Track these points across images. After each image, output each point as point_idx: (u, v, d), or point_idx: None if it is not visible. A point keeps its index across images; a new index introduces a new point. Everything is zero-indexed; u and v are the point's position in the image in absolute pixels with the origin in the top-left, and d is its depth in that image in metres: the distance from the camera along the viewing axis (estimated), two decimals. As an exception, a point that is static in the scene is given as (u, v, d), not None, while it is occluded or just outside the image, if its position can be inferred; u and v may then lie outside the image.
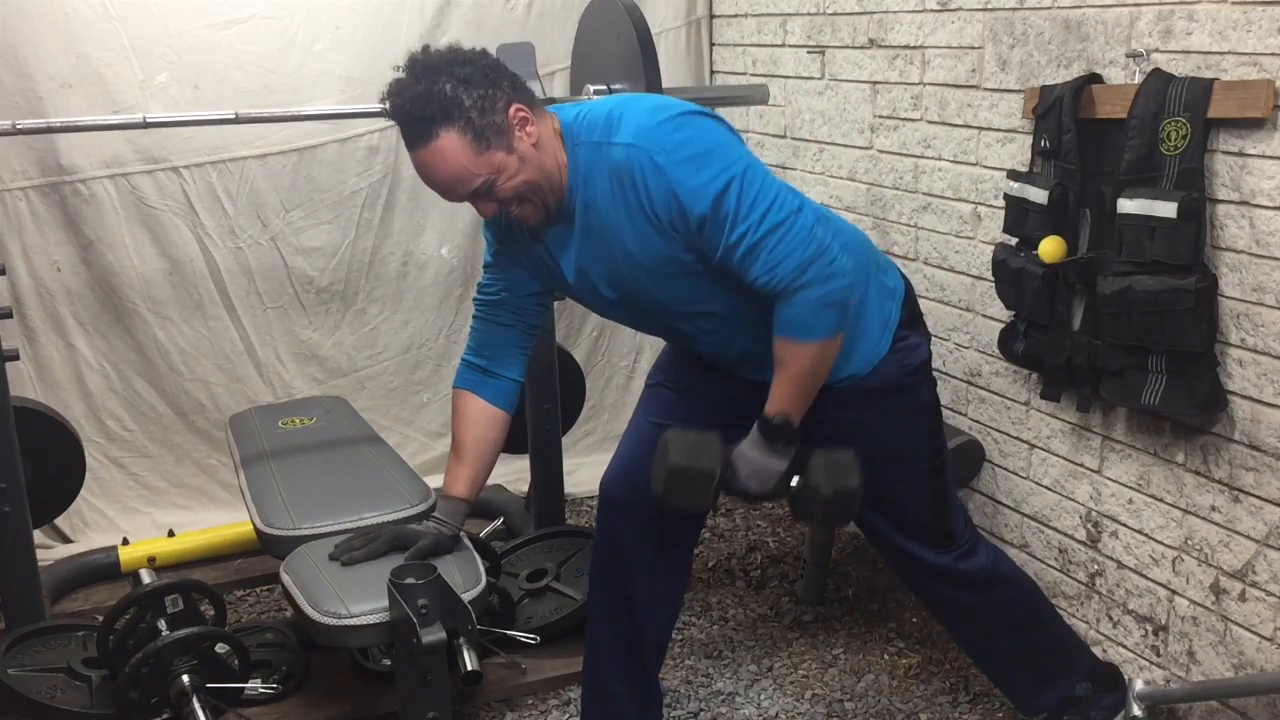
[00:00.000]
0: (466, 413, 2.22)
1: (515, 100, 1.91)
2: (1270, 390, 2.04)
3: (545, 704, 2.56)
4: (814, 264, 1.86)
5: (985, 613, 2.29)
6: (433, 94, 1.85)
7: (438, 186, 1.95)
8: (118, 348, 3.34)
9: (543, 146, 1.94)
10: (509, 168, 1.91)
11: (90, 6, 3.08)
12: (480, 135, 1.87)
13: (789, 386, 1.98)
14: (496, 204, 1.96)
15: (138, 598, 2.33)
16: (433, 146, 1.87)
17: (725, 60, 3.68)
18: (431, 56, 1.92)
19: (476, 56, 1.93)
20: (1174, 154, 2.07)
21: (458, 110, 1.86)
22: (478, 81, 1.88)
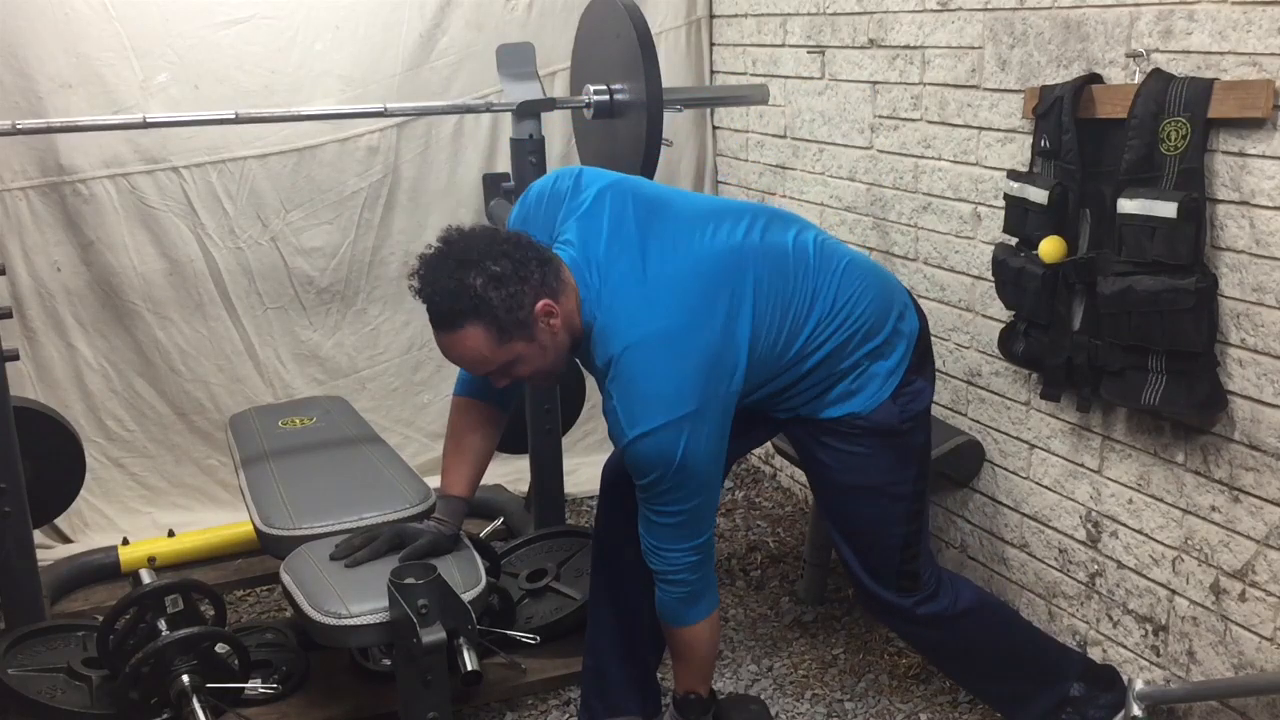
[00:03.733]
0: (466, 413, 2.26)
1: (543, 294, 1.92)
2: (1270, 390, 2.04)
3: (545, 704, 2.56)
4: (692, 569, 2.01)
5: (954, 644, 2.31)
6: (461, 290, 1.89)
7: (458, 363, 2.03)
8: (118, 348, 3.34)
9: (564, 330, 1.98)
10: (529, 356, 1.97)
11: (90, 6, 3.09)
12: (504, 329, 1.91)
13: (683, 668, 2.17)
14: (513, 379, 2.04)
15: (138, 598, 2.33)
16: (456, 336, 1.93)
17: (725, 60, 3.68)
18: (468, 244, 1.93)
19: (511, 248, 1.93)
20: (1174, 154, 2.07)
21: (486, 308, 1.89)
22: (508, 280, 1.89)
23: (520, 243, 1.96)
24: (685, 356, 1.93)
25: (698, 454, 1.92)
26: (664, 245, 2.00)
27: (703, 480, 1.95)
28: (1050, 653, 2.34)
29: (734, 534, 3.39)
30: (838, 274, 2.09)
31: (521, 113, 2.71)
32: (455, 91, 3.43)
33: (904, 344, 2.14)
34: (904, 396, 2.13)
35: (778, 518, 3.49)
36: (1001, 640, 2.32)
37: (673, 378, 1.92)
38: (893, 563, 2.20)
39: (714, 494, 2.01)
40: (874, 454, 2.13)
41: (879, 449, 2.13)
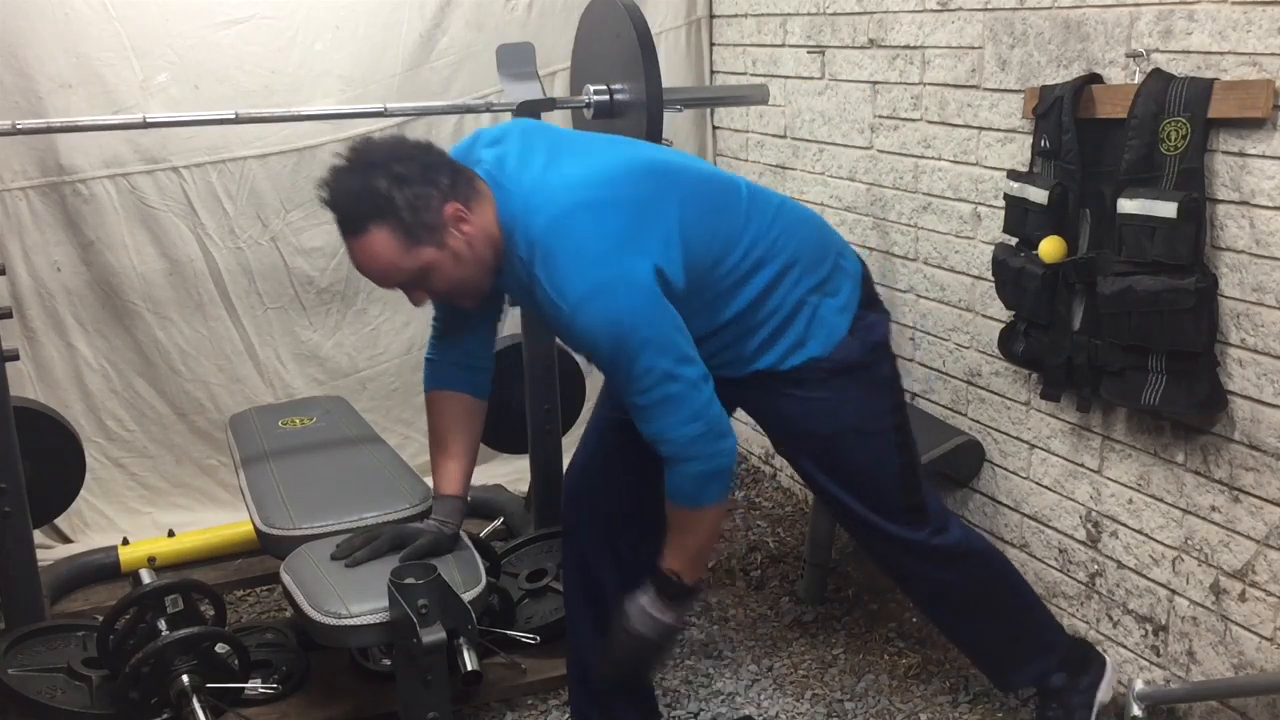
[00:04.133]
0: (446, 410, 2.22)
1: (452, 198, 1.90)
2: (1270, 390, 2.04)
3: (545, 704, 2.55)
4: (700, 440, 1.91)
5: (960, 588, 2.28)
6: (364, 191, 1.87)
7: (367, 276, 1.98)
8: (118, 348, 3.34)
9: (479, 242, 1.93)
10: (441, 265, 1.92)
11: (90, 6, 3.08)
12: (411, 232, 1.88)
13: (679, 549, 2.03)
14: (430, 295, 2.00)
15: (138, 598, 2.33)
16: (363, 239, 1.90)
17: (725, 60, 3.68)
18: (372, 150, 1.94)
19: (418, 152, 1.93)
20: (1174, 154, 2.07)
21: (389, 207, 1.87)
22: (414, 180, 1.88)
23: (429, 149, 1.95)
24: (610, 215, 1.89)
25: (643, 311, 1.86)
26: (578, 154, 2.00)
27: (663, 341, 1.87)
28: (1045, 620, 2.35)
29: (734, 534, 3.39)
30: (771, 206, 2.09)
31: (521, 113, 2.71)
32: (455, 91, 3.43)
33: (849, 281, 2.13)
34: (860, 329, 2.11)
35: (778, 518, 3.49)
36: (1007, 590, 2.32)
37: (599, 236, 1.88)
38: (896, 496, 2.18)
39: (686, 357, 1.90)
40: (844, 394, 2.10)
41: (847, 388, 2.10)
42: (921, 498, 2.21)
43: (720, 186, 2.08)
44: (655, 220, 1.92)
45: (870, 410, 2.14)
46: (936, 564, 2.24)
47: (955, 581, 2.28)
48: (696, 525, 2.01)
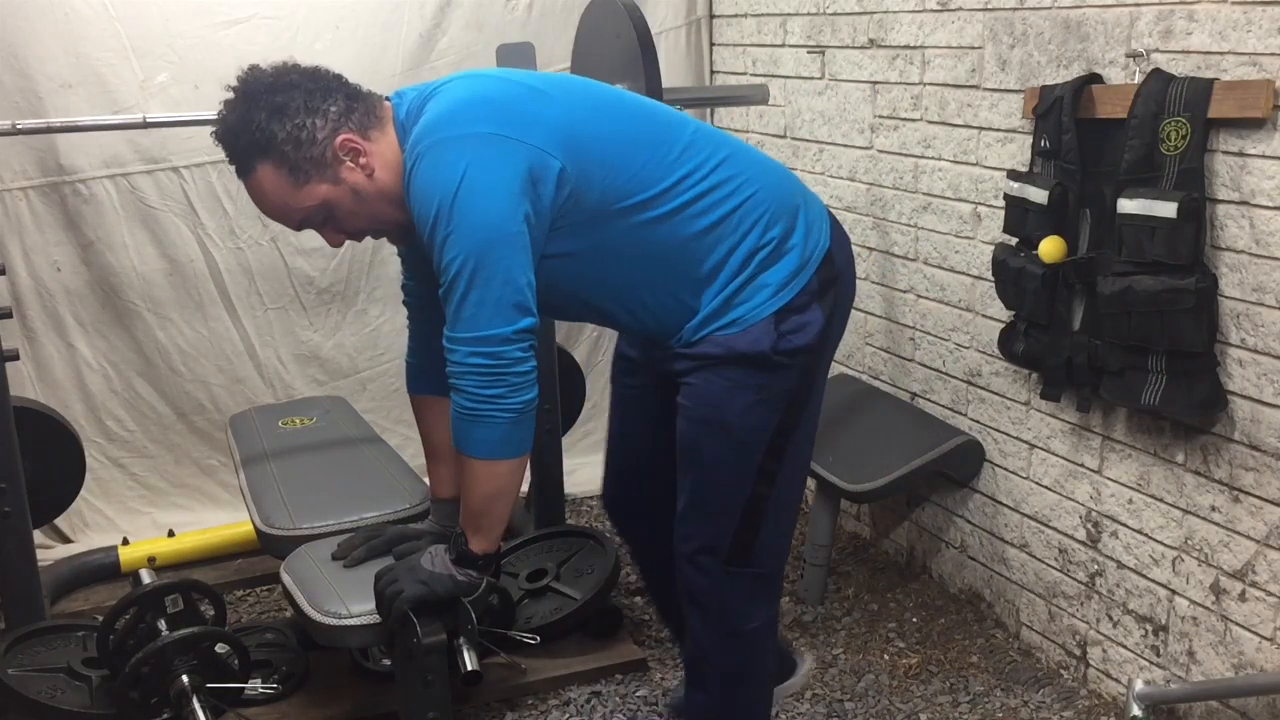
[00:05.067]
0: (431, 414, 2.13)
1: (344, 127, 1.77)
2: (1270, 390, 2.04)
3: (545, 704, 2.55)
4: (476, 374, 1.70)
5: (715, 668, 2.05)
6: (243, 126, 1.77)
7: (269, 216, 1.87)
8: (118, 348, 3.34)
9: (382, 172, 1.80)
10: (341, 201, 1.80)
11: (90, 6, 3.08)
12: (296, 168, 1.77)
13: (463, 503, 1.86)
14: (343, 235, 1.88)
15: (138, 598, 2.33)
16: (251, 180, 1.81)
17: (725, 60, 3.68)
18: (251, 82, 1.81)
19: (302, 79, 1.79)
20: (1174, 154, 2.07)
21: (269, 143, 1.76)
22: (294, 111, 1.75)
23: (319, 74, 1.81)
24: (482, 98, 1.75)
25: (482, 191, 1.66)
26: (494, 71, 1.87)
27: (488, 238, 1.66)
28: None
29: (734, 534, 3.39)
30: (727, 145, 1.89)
31: (521, 113, 2.70)
32: (455, 91, 3.43)
33: (798, 254, 1.86)
34: (789, 322, 1.84)
35: (778, 518, 3.49)
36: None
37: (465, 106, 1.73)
38: (724, 525, 1.91)
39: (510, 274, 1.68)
40: (733, 387, 1.85)
41: (740, 381, 1.85)
42: (753, 555, 1.93)
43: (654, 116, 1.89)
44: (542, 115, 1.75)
45: (750, 418, 1.87)
46: (711, 628, 2.00)
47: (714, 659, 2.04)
48: (469, 477, 1.81)
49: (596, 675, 2.62)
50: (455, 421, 1.77)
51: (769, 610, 2.03)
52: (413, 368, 2.16)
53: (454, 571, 1.92)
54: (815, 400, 1.95)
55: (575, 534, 2.97)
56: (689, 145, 1.85)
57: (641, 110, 1.91)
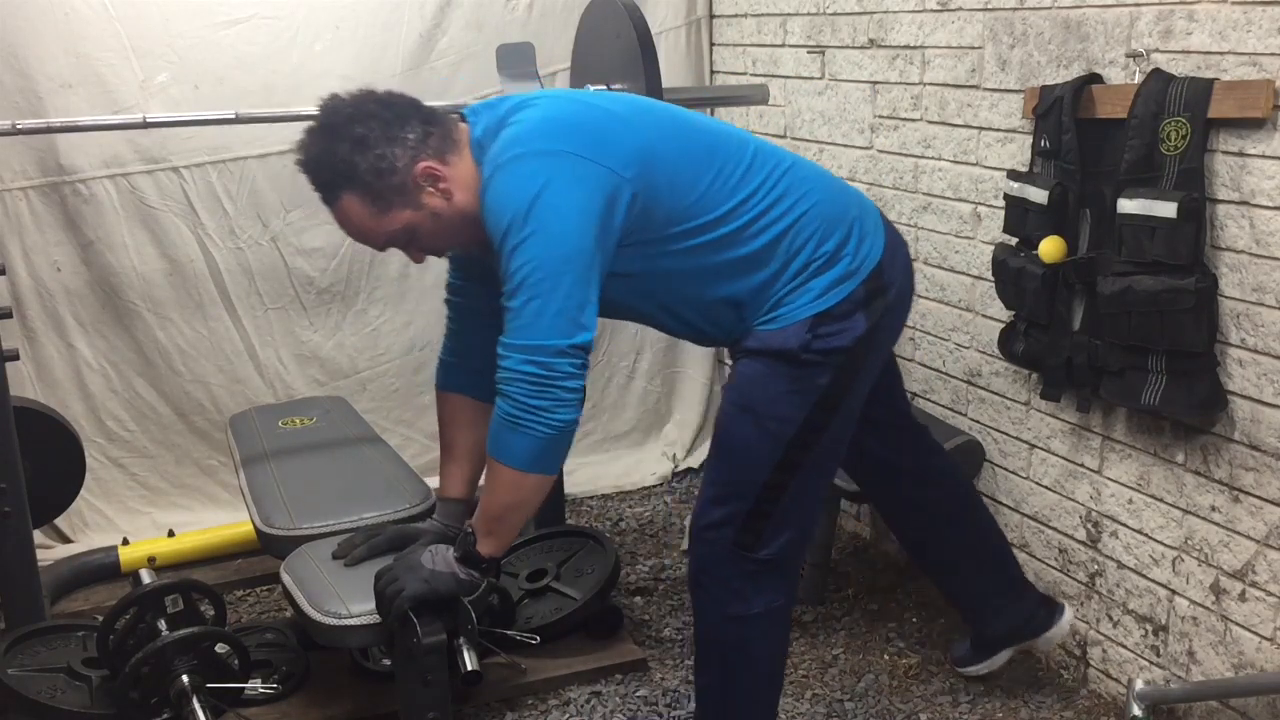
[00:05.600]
0: (455, 412, 2.17)
1: (422, 154, 1.84)
2: (1270, 390, 2.04)
3: (545, 704, 2.55)
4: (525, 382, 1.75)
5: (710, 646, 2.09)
6: (327, 158, 1.84)
7: (354, 239, 1.96)
8: (118, 348, 3.34)
9: (460, 195, 1.87)
10: (422, 224, 1.88)
11: (90, 6, 3.08)
12: (380, 197, 1.84)
13: (482, 503, 1.89)
14: (426, 253, 1.97)
15: (138, 598, 2.33)
16: (337, 208, 1.88)
17: (725, 60, 3.68)
18: (332, 113, 1.88)
19: (379, 108, 1.87)
20: (1174, 154, 2.07)
21: (352, 175, 1.83)
22: (374, 141, 1.82)
23: (393, 102, 1.88)
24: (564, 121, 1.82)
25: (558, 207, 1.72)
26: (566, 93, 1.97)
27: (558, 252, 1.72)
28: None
29: (734, 534, 3.39)
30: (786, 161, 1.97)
31: (521, 113, 2.70)
32: (455, 91, 3.43)
33: (846, 265, 1.93)
34: (827, 326, 1.90)
35: (778, 518, 3.49)
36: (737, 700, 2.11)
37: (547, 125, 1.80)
38: (741, 505, 1.96)
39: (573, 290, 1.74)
40: (767, 375, 1.93)
41: (773, 371, 1.92)
42: (762, 541, 1.97)
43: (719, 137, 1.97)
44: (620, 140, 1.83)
45: (778, 408, 1.93)
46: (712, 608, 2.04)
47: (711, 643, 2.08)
48: (494, 481, 1.86)
49: (596, 675, 2.62)
50: (495, 426, 1.81)
51: (772, 600, 2.04)
52: (446, 364, 2.20)
53: (456, 570, 1.94)
54: (852, 403, 2.00)
55: (575, 534, 2.98)
56: (750, 165, 1.93)
57: (708, 132, 1.98)
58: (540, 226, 1.73)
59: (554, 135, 1.80)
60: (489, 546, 1.93)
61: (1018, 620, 2.44)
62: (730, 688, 2.10)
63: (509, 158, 1.79)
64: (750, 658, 2.08)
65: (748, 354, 1.96)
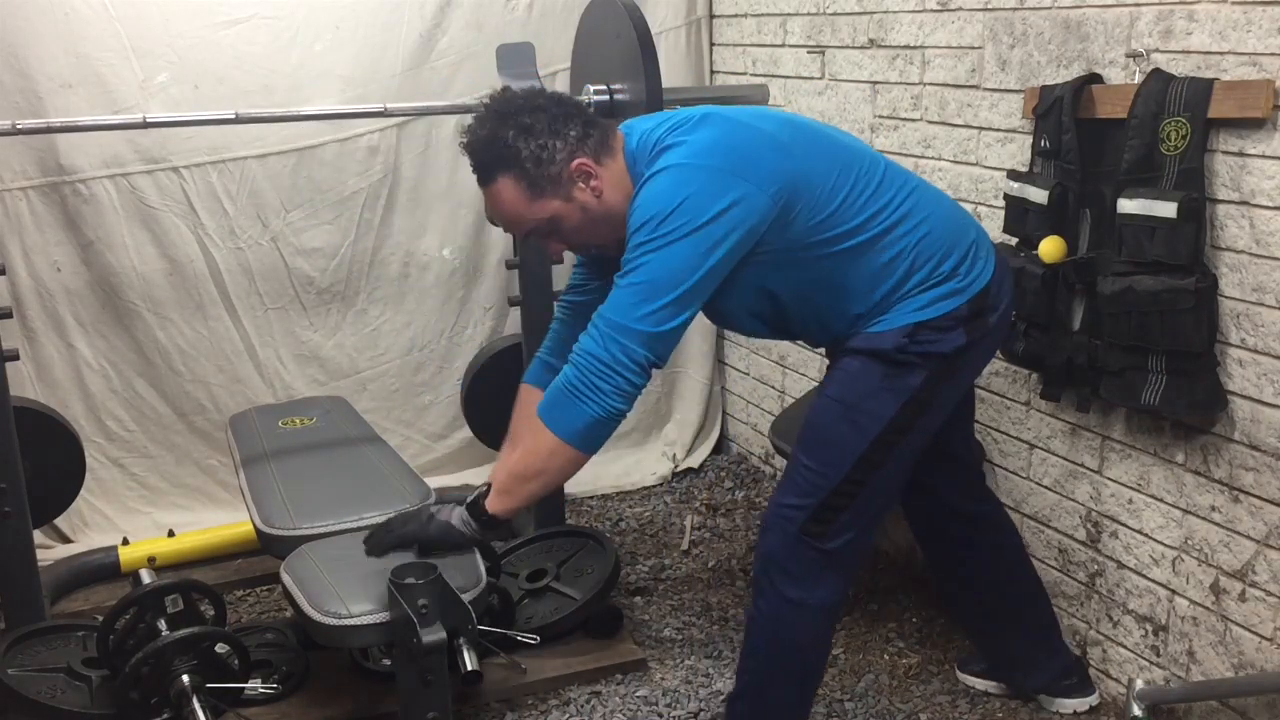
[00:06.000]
0: (527, 402, 2.22)
1: (580, 151, 1.96)
2: (1270, 390, 2.04)
3: (545, 704, 2.56)
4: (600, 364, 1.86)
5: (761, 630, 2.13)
6: (494, 140, 1.96)
7: (500, 223, 2.08)
8: (118, 348, 3.34)
9: (609, 194, 1.98)
10: (569, 217, 1.99)
11: (90, 6, 3.08)
12: (535, 184, 1.95)
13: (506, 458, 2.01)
14: (564, 246, 2.07)
15: (138, 598, 2.33)
16: (492, 189, 1.99)
17: (725, 60, 3.68)
18: (505, 100, 2.01)
19: (549, 103, 1.99)
20: (1174, 154, 2.07)
21: (514, 158, 1.94)
22: (539, 132, 1.94)
23: (563, 101, 2.01)
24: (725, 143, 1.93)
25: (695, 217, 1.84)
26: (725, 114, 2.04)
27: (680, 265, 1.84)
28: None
29: (734, 534, 3.39)
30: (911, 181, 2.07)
31: (521, 113, 2.70)
32: (455, 91, 3.43)
33: (956, 283, 2.01)
34: (926, 334, 1.98)
35: (778, 518, 3.49)
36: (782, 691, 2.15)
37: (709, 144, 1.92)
38: (819, 484, 2.01)
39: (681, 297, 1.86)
40: (862, 371, 2.01)
41: (867, 368, 2.00)
42: (829, 532, 2.03)
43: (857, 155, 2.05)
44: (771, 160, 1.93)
45: (870, 403, 2.00)
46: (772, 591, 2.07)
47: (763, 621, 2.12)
48: (534, 443, 1.95)
49: (596, 675, 2.62)
50: (556, 391, 1.92)
51: (827, 595, 2.08)
52: (541, 362, 2.29)
53: (454, 520, 2.04)
54: (936, 414, 2.06)
55: (575, 534, 2.98)
56: (881, 182, 2.01)
57: (845, 148, 2.06)
58: (674, 231, 1.85)
59: (711, 152, 1.91)
60: (499, 504, 2.01)
61: (1051, 677, 2.46)
62: (774, 672, 2.15)
63: (667, 165, 1.90)
64: (797, 645, 2.12)
65: (850, 352, 2.03)
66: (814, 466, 2.04)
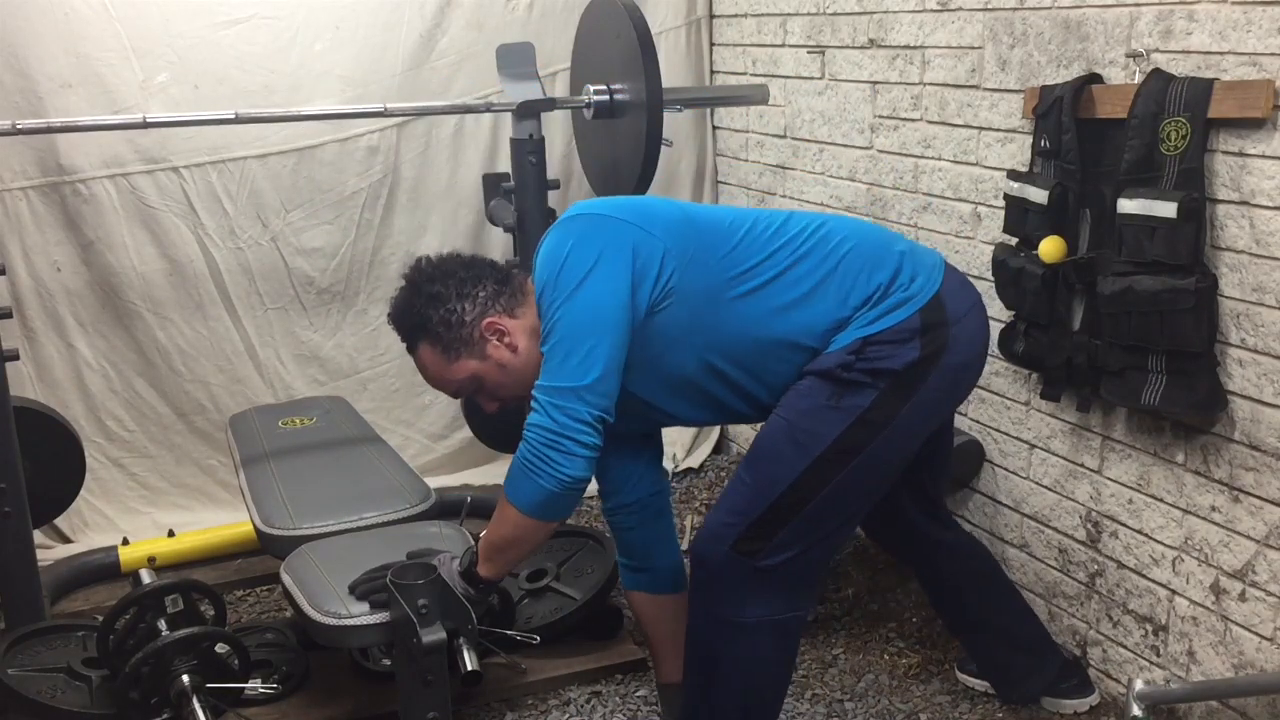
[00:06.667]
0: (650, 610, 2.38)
1: (490, 310, 2.04)
2: (1270, 390, 2.04)
3: (545, 704, 2.56)
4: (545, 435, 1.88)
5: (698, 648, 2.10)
6: (408, 311, 2.07)
7: (431, 385, 2.15)
8: (118, 348, 3.34)
9: (525, 346, 2.04)
10: (489, 374, 2.06)
11: (90, 6, 3.08)
12: (449, 347, 2.05)
13: (488, 532, 2.02)
14: (498, 402, 2.13)
15: (138, 598, 2.33)
16: (416, 356, 2.11)
17: (725, 60, 3.68)
18: (418, 271, 2.11)
19: (458, 268, 2.08)
20: (1174, 154, 2.07)
21: (426, 326, 2.05)
22: (447, 298, 2.03)
23: (474, 264, 2.10)
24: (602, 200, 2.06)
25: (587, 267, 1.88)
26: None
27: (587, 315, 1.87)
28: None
29: (734, 534, 3.39)
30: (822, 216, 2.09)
31: (522, 113, 2.71)
32: (455, 91, 3.43)
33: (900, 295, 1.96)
34: (874, 347, 1.92)
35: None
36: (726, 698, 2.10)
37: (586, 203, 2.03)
38: (755, 504, 1.96)
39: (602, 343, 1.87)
40: (809, 390, 1.96)
41: (815, 387, 1.95)
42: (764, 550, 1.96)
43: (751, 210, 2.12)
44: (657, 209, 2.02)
45: (812, 422, 1.95)
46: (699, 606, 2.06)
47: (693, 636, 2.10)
48: (501, 514, 1.98)
49: (596, 675, 2.63)
50: (514, 465, 1.94)
51: (765, 613, 2.02)
52: (620, 565, 2.40)
53: (456, 582, 2.04)
54: (895, 437, 1.97)
55: (575, 534, 2.98)
56: (785, 221, 2.04)
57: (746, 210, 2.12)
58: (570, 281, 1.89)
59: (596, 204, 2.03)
60: (487, 570, 2.04)
61: (1045, 682, 2.46)
62: (708, 690, 2.10)
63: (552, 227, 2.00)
64: (731, 664, 2.06)
65: (804, 374, 2.00)
66: (750, 482, 2.00)
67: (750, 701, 2.11)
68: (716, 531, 2.01)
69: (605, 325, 1.89)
